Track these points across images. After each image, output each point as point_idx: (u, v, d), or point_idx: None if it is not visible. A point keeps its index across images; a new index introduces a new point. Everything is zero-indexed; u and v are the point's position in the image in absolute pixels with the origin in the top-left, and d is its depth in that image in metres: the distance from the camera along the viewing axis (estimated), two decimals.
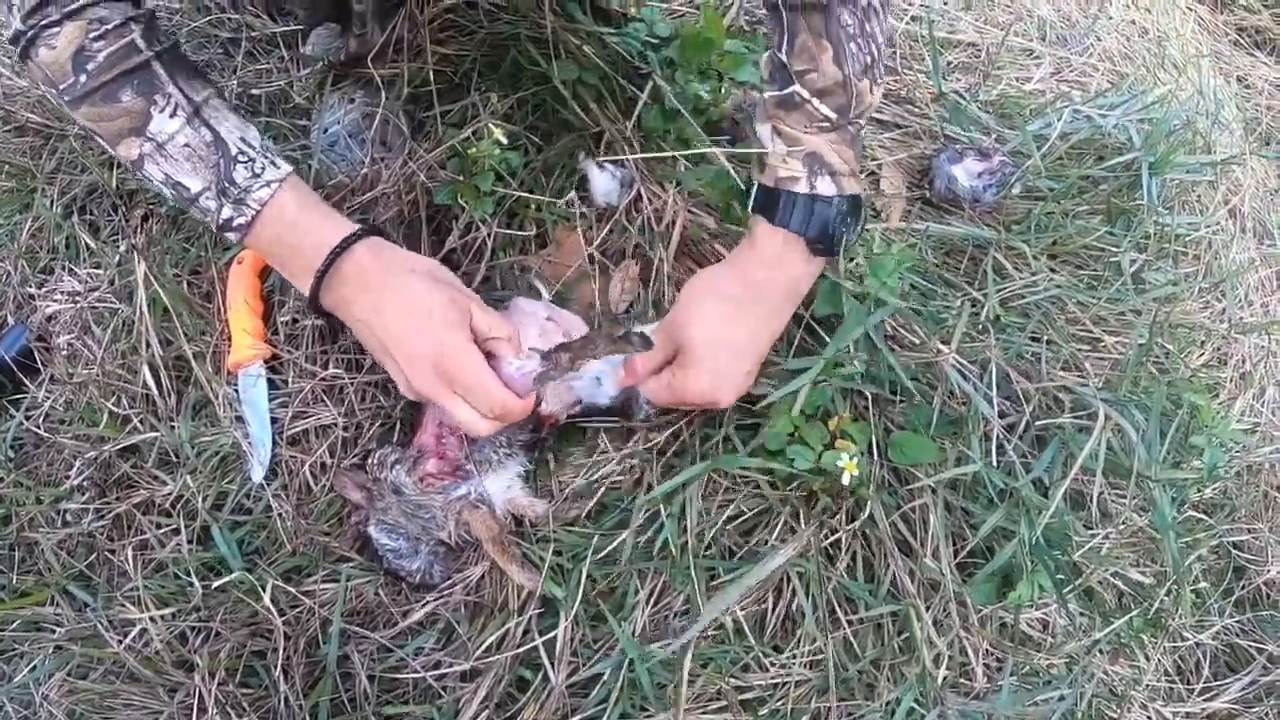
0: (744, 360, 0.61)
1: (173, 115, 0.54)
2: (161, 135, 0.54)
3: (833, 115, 0.55)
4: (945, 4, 0.98)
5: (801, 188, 0.55)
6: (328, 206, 0.59)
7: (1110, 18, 1.07)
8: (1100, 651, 0.78)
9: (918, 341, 0.70)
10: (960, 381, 0.66)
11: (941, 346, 0.66)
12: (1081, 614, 0.78)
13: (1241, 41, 1.26)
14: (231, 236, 0.57)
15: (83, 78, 0.52)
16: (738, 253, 0.62)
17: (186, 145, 0.54)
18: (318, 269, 0.56)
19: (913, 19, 0.94)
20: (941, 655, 0.68)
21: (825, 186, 0.55)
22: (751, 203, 0.60)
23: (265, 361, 0.72)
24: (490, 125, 0.70)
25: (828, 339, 0.65)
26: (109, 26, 0.52)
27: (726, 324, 0.60)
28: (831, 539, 0.68)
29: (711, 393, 0.60)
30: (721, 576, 0.65)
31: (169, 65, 0.54)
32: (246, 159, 0.55)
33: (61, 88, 0.53)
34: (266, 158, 0.56)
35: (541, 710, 0.63)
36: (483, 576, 0.66)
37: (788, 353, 0.68)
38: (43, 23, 0.51)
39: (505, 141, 0.70)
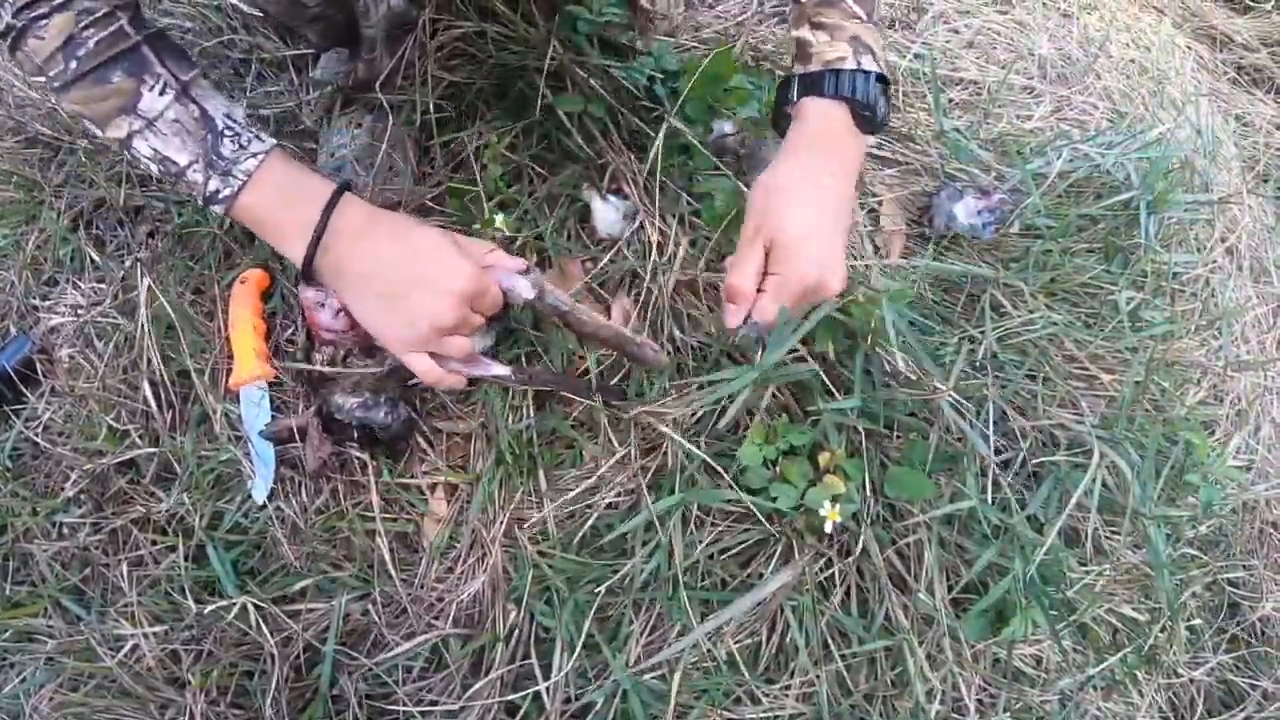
0: (836, 239, 0.61)
1: (162, 93, 0.57)
2: (151, 112, 0.57)
3: (862, 13, 0.61)
4: (947, 42, 1.01)
5: (849, 64, 0.59)
6: (310, 171, 0.61)
7: (1110, 56, 1.10)
8: (1094, 688, 0.78)
9: (915, 378, 0.71)
10: (957, 419, 0.67)
11: (939, 384, 0.67)
12: (1075, 650, 0.78)
13: (1240, 80, 1.29)
14: (217, 209, 0.59)
15: (73, 64, 0.55)
16: (789, 144, 0.63)
17: (176, 121, 0.57)
18: (314, 229, 0.57)
19: (915, 56, 0.96)
20: (935, 690, 0.69)
21: (869, 63, 0.60)
22: (794, 92, 0.62)
23: (268, 383, 0.73)
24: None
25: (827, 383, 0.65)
26: (97, 15, 0.55)
27: (808, 210, 0.61)
28: (826, 573, 0.68)
29: (820, 281, 0.60)
30: (716, 608, 0.66)
31: (157, 47, 0.58)
32: (232, 133, 0.58)
33: (51, 74, 0.56)
34: (251, 132, 0.59)
35: None
36: (475, 596, 0.67)
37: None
38: (33, 15, 0.54)
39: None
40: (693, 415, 0.68)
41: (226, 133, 0.58)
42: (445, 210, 0.77)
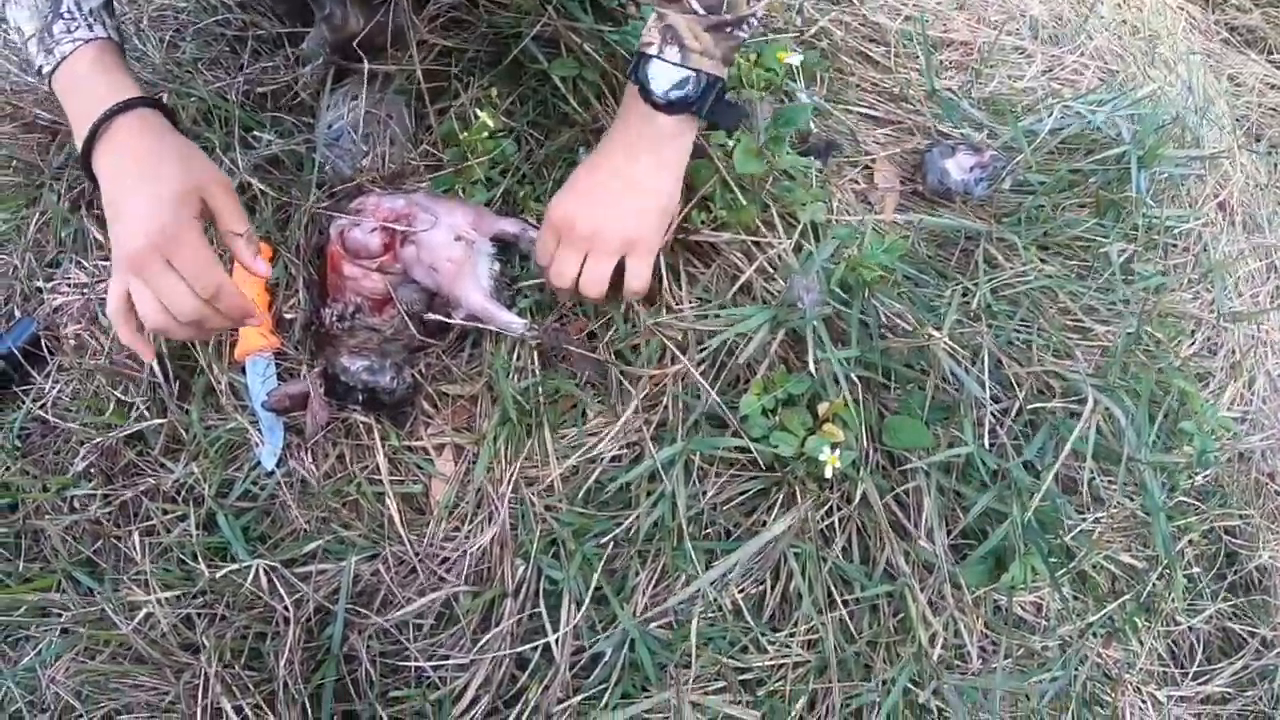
0: (594, 196, 0.66)
1: None
2: None
3: (700, 9, 0.62)
4: (938, 3, 1.03)
5: (652, 51, 0.63)
6: (121, 75, 0.64)
7: (1102, 17, 1.13)
8: (1094, 635, 0.81)
9: (910, 329, 0.74)
10: (953, 365, 0.70)
11: (934, 332, 0.70)
12: (1075, 597, 0.82)
13: (1232, 40, 1.32)
14: (42, 84, 0.66)
15: None
16: None
17: None
18: (90, 126, 0.60)
19: (906, 18, 0.99)
20: (937, 635, 0.72)
21: (672, 54, 0.62)
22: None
23: (273, 353, 0.76)
24: (477, 110, 0.75)
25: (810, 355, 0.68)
26: None
27: (583, 168, 0.67)
28: (827, 521, 0.71)
29: (566, 223, 0.65)
30: (720, 557, 0.69)
31: None
32: (69, 16, 0.63)
33: None
34: (87, 21, 0.63)
35: (544, 691, 0.66)
36: (484, 553, 0.70)
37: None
38: None
39: (492, 125, 0.75)
40: (700, 348, 0.70)
41: (65, 15, 0.63)
42: (441, 171, 0.79)
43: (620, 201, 0.66)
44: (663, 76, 0.62)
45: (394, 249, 0.72)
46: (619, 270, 0.67)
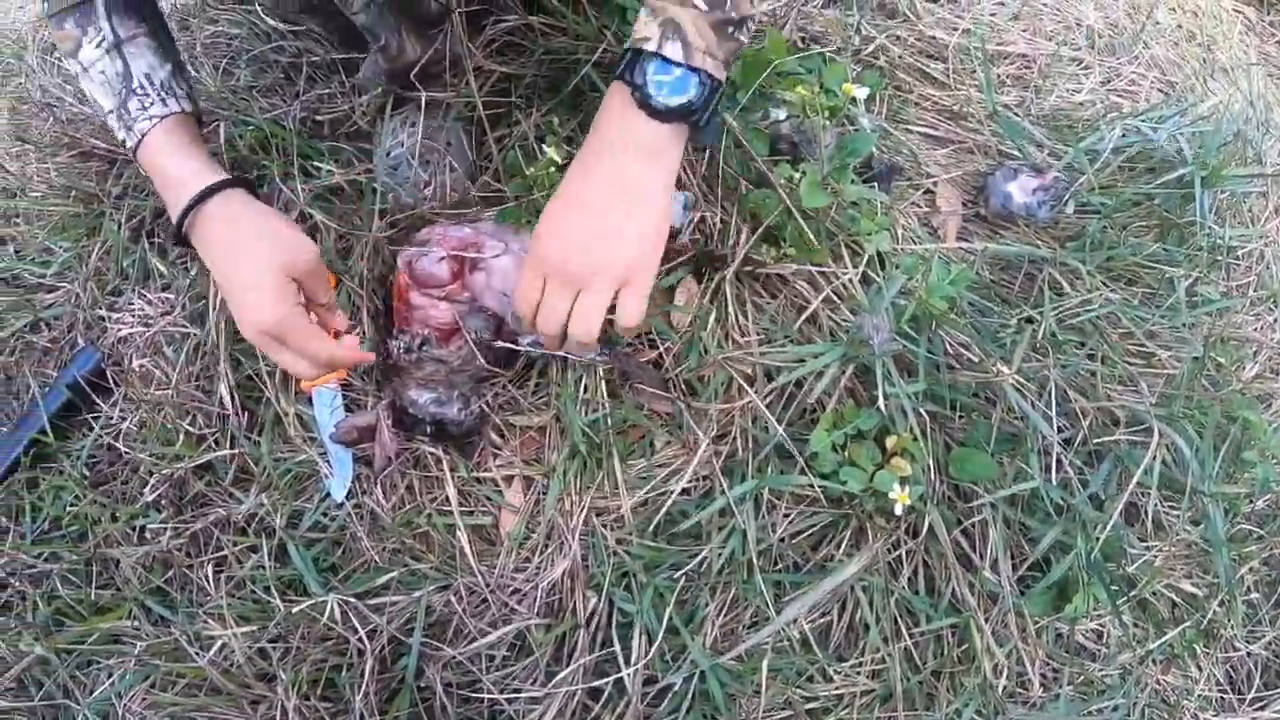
0: (582, 214, 0.59)
1: (97, 46, 0.67)
2: (87, 61, 0.67)
3: (702, 4, 0.57)
4: (993, 15, 1.02)
5: (650, 47, 0.57)
6: (199, 150, 0.68)
7: (1158, 23, 1.11)
8: (1153, 662, 0.83)
9: (976, 360, 0.75)
10: (1020, 402, 0.70)
11: (1002, 368, 0.70)
12: (1135, 625, 0.83)
13: None
14: (130, 155, 0.69)
15: (46, 5, 0.68)
16: None
17: (102, 72, 0.67)
18: (182, 208, 0.64)
19: (964, 32, 0.98)
20: (1001, 665, 0.73)
21: (674, 52, 0.56)
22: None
23: (339, 384, 0.77)
24: (541, 145, 0.75)
25: (879, 389, 0.68)
26: None
27: (564, 183, 0.60)
28: (895, 553, 0.73)
29: (552, 262, 0.59)
30: (789, 590, 0.70)
31: (110, 3, 0.67)
32: (143, 93, 0.67)
33: (41, 9, 0.69)
34: (160, 96, 0.67)
35: None
36: (554, 585, 0.72)
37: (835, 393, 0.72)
38: None
39: (559, 160, 0.75)
40: (767, 380, 0.71)
41: (139, 91, 0.67)
42: (503, 198, 0.80)
43: (618, 228, 0.58)
44: (662, 77, 0.56)
45: (462, 277, 0.73)
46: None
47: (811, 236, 0.72)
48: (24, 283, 0.88)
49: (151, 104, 0.66)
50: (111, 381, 0.83)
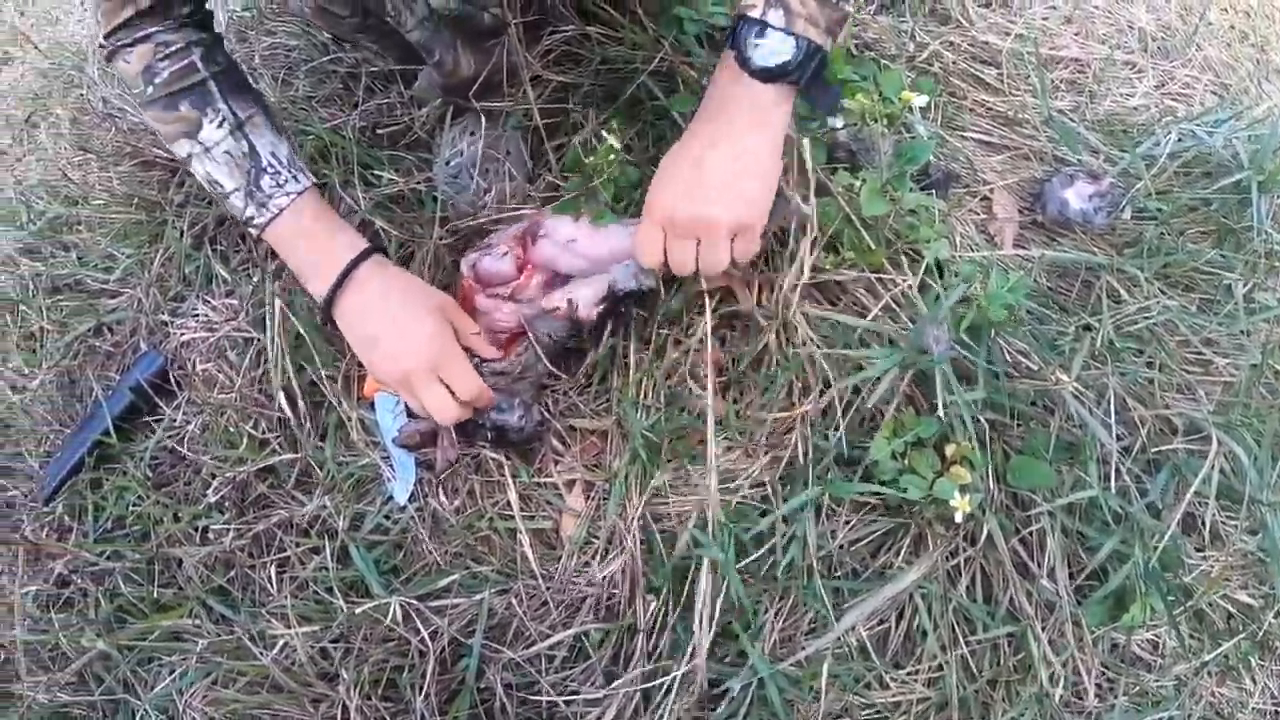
0: (699, 171, 0.63)
1: (219, 126, 0.68)
2: (209, 142, 0.68)
3: None
4: (1045, 19, 1.02)
5: (754, 14, 0.60)
6: (340, 221, 0.72)
7: (1210, 24, 1.10)
8: (1208, 673, 0.82)
9: (1035, 368, 0.75)
10: (1080, 410, 0.71)
11: (1061, 375, 0.70)
12: (1190, 636, 0.83)
13: None
14: (252, 232, 0.71)
15: (150, 89, 0.67)
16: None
17: (227, 152, 0.68)
18: (339, 273, 0.68)
19: (1017, 37, 0.98)
20: (1057, 675, 0.74)
21: (776, 18, 0.60)
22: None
23: None
24: (603, 133, 0.76)
25: (939, 397, 0.69)
26: (172, 49, 0.66)
27: (672, 155, 0.65)
28: (952, 562, 0.73)
29: (668, 214, 0.64)
30: (847, 596, 0.71)
31: (223, 84, 0.68)
32: (274, 170, 0.69)
33: (134, 92, 0.69)
34: (291, 172, 0.69)
35: None
36: (614, 588, 0.73)
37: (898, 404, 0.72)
38: (119, 43, 0.66)
39: (619, 146, 0.76)
40: (826, 387, 0.72)
41: (268, 169, 0.69)
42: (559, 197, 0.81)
43: (727, 186, 0.63)
44: (761, 41, 0.59)
45: (527, 265, 0.74)
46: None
47: (867, 237, 0.72)
48: (87, 288, 0.91)
49: (285, 180, 0.68)
50: (174, 385, 0.85)
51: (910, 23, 0.92)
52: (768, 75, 0.60)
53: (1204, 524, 0.80)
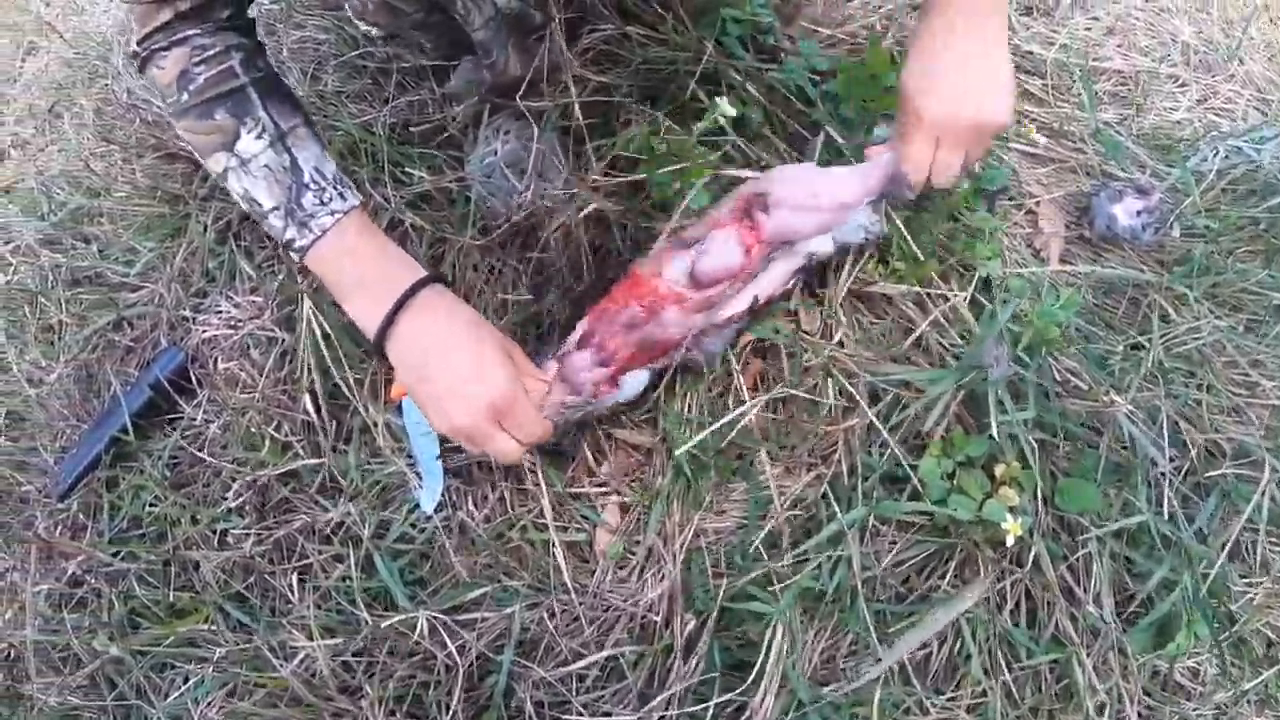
0: (963, 76, 0.62)
1: (259, 137, 0.61)
2: (246, 154, 0.61)
3: None
4: (1088, 30, 1.00)
5: None
6: (391, 244, 0.65)
7: (1251, 38, 1.08)
8: (1248, 702, 0.80)
9: (1085, 388, 0.72)
10: (1136, 432, 0.68)
11: (1116, 397, 0.68)
12: (1231, 664, 0.80)
13: None
14: (294, 256, 0.64)
15: (184, 96, 0.61)
16: (919, 10, 0.66)
17: (266, 166, 0.61)
18: (387, 309, 0.61)
19: (1061, 47, 0.96)
20: (1103, 703, 0.71)
21: None
22: None
23: None
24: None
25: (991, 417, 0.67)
26: (210, 53, 0.60)
27: (928, 58, 0.63)
28: (999, 586, 0.71)
29: (947, 115, 0.63)
30: (890, 620, 0.69)
31: (263, 91, 0.62)
32: (317, 187, 0.62)
33: (168, 101, 0.63)
34: (336, 189, 0.63)
35: None
36: (651, 607, 0.70)
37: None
38: (153, 47, 0.61)
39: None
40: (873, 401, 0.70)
41: (311, 185, 0.62)
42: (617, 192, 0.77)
43: (994, 78, 0.62)
44: None
45: (757, 241, 0.66)
46: None
47: (917, 249, 0.70)
48: (107, 281, 0.88)
49: (330, 199, 0.62)
50: (195, 383, 0.82)
51: None
52: None
53: (1249, 550, 0.78)
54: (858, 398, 0.69)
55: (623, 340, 0.66)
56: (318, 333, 0.75)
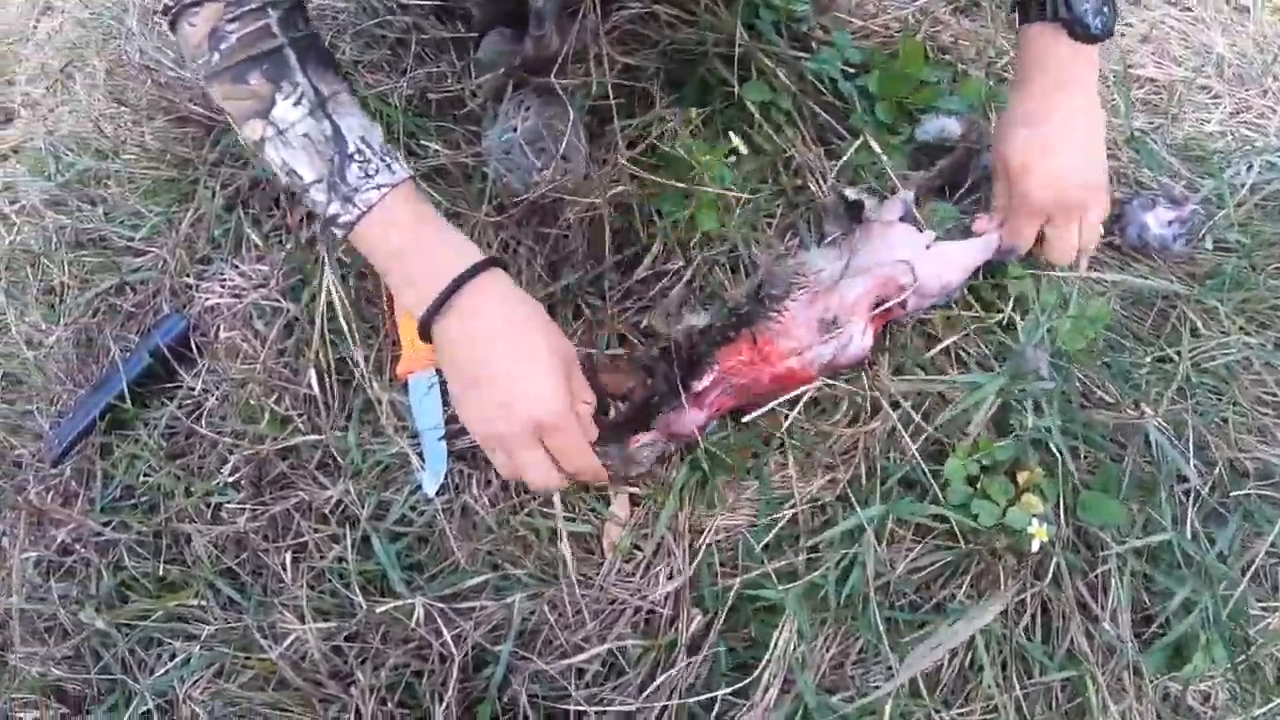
0: (1068, 149, 0.66)
1: (297, 104, 0.55)
2: (284, 122, 0.56)
3: None
4: (1122, 35, 0.98)
5: None
6: (444, 221, 0.59)
7: None
8: None
9: (1111, 400, 0.70)
10: (1166, 446, 0.66)
11: (1147, 409, 0.66)
12: (1242, 688, 0.78)
13: None
14: (336, 233, 0.58)
15: (215, 56, 0.55)
16: (1012, 79, 0.71)
17: (305, 135, 0.56)
18: (439, 291, 0.55)
19: None
20: None
21: None
22: (1017, 17, 0.68)
23: (437, 370, 0.74)
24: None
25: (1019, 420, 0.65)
26: (245, 9, 0.54)
27: (1029, 128, 0.66)
28: (1017, 599, 0.68)
29: (1057, 192, 0.66)
30: (902, 628, 0.66)
31: (302, 53, 0.56)
32: (363, 158, 0.56)
33: (199, 63, 0.56)
34: (384, 161, 0.57)
35: None
36: (655, 602, 0.68)
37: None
38: (184, 1, 0.55)
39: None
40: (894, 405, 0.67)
41: (356, 156, 0.56)
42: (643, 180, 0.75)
43: (1094, 150, 0.66)
44: (1088, 4, 0.62)
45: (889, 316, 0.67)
46: None
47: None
48: (111, 245, 0.86)
49: (376, 171, 0.56)
50: (196, 352, 0.80)
51: (990, 27, 0.88)
52: (1103, 35, 0.64)
53: (1265, 575, 0.76)
54: (881, 402, 0.67)
55: (731, 398, 0.66)
56: (333, 303, 0.73)
